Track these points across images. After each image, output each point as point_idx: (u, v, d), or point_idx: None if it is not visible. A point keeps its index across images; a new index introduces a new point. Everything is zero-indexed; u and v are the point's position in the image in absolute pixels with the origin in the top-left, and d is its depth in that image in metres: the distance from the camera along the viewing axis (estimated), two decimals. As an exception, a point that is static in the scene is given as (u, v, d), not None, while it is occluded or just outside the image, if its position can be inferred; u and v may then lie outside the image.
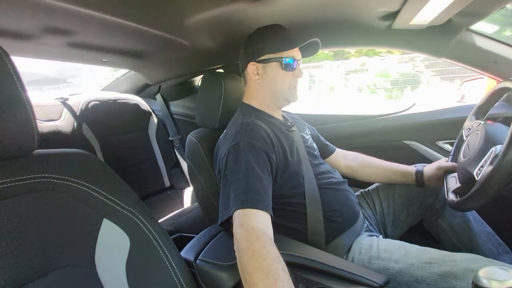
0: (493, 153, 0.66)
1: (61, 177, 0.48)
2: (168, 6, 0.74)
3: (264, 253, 0.54)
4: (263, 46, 0.84)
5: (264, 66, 0.85)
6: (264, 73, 0.85)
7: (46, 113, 1.24)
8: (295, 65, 0.84)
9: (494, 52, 0.98)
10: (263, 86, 0.87)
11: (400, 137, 1.27)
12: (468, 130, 0.85)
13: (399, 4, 0.83)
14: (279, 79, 0.85)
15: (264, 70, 0.85)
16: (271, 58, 0.84)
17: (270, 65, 0.84)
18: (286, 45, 0.83)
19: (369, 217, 0.95)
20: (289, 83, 0.85)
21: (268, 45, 0.83)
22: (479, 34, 0.98)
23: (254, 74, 0.86)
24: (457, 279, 0.61)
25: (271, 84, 0.86)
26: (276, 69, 0.84)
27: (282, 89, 0.86)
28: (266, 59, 0.84)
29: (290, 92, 0.87)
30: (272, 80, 0.85)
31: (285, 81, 0.85)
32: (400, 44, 1.11)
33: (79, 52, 1.03)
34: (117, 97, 1.47)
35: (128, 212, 0.54)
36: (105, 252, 0.49)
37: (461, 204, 0.67)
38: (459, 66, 1.08)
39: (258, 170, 0.69)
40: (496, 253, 0.86)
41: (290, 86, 0.86)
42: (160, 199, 1.57)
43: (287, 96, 0.87)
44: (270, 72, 0.85)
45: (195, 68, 1.44)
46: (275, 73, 0.84)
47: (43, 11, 0.66)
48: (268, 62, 0.84)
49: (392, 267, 0.70)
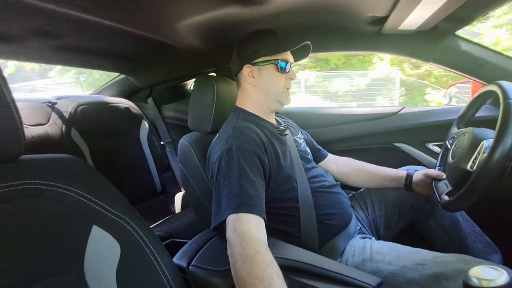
0: (484, 146, 0.67)
1: (48, 183, 0.46)
2: (159, 10, 0.74)
3: (257, 258, 0.54)
4: (258, 48, 0.85)
5: (260, 68, 0.85)
6: (259, 76, 0.86)
7: (33, 117, 1.20)
8: (289, 68, 0.86)
9: (479, 57, 1.01)
10: (257, 89, 0.88)
11: (390, 139, 1.29)
12: (452, 139, 0.86)
13: (387, 9, 0.85)
14: (274, 81, 0.86)
15: (260, 72, 0.86)
16: (266, 61, 0.84)
17: (266, 67, 0.85)
18: (281, 48, 0.85)
19: (362, 219, 0.96)
20: (284, 85, 0.87)
21: (263, 48, 0.84)
22: (464, 39, 1.02)
23: (249, 77, 0.86)
24: (448, 280, 0.62)
25: (266, 87, 0.87)
26: (272, 71, 0.85)
27: (276, 91, 0.86)
28: (262, 62, 0.85)
29: (284, 94, 0.88)
30: (267, 83, 0.86)
31: (280, 83, 0.86)
32: (389, 49, 1.14)
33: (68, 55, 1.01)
34: (108, 101, 1.45)
35: (118, 218, 0.53)
36: (94, 260, 0.48)
37: (457, 200, 0.66)
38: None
39: (251, 174, 0.69)
40: (485, 252, 0.88)
41: (284, 88, 0.87)
42: (151, 204, 1.54)
43: (280, 99, 0.88)
44: (266, 75, 0.86)
45: (187, 72, 1.44)
46: (270, 76, 0.85)
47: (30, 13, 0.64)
48: (264, 64, 0.85)
49: (385, 269, 0.71)
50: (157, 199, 1.59)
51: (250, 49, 0.86)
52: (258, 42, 0.85)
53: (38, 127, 1.18)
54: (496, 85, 0.70)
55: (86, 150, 1.30)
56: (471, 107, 0.88)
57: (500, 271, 0.43)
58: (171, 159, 1.70)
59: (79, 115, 1.30)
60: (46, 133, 1.18)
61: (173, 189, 1.69)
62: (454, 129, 0.91)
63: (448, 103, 2.69)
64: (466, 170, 0.68)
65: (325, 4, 0.85)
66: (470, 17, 0.89)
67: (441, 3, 0.75)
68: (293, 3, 0.82)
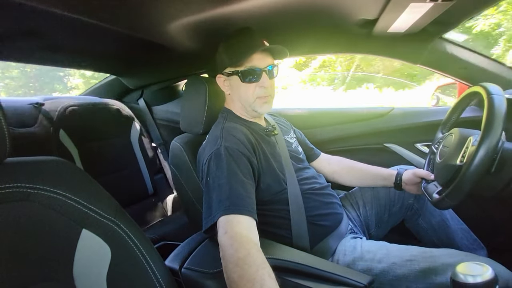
0: (472, 140, 0.68)
1: (35, 186, 0.45)
2: (150, 10, 0.73)
3: (249, 260, 0.54)
4: (223, 58, 0.82)
5: (228, 79, 0.84)
6: (230, 86, 0.85)
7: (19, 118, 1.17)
8: (258, 75, 0.79)
9: (464, 59, 1.04)
10: (233, 98, 0.87)
11: (381, 140, 1.32)
12: (438, 143, 0.87)
13: (377, 12, 0.87)
14: (242, 92, 0.82)
15: (229, 83, 0.85)
16: (231, 71, 0.82)
17: (232, 78, 0.83)
18: (240, 55, 0.78)
19: (354, 218, 0.97)
20: (254, 94, 0.82)
21: (227, 58, 0.81)
22: (451, 42, 1.05)
23: (224, 86, 0.86)
24: (436, 275, 0.64)
25: (237, 96, 0.85)
26: (238, 82, 0.81)
27: (247, 101, 0.83)
28: (228, 72, 0.83)
29: (257, 103, 0.83)
30: (236, 93, 0.84)
31: (248, 93, 0.82)
32: (378, 50, 1.16)
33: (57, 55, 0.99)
34: (97, 102, 1.42)
35: (109, 221, 0.52)
36: (84, 265, 0.47)
37: (448, 196, 0.66)
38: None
39: (240, 175, 0.69)
40: (472, 249, 0.91)
41: (255, 97, 0.82)
42: (143, 207, 1.52)
43: (254, 108, 0.84)
44: (234, 85, 0.84)
45: (179, 73, 1.43)
46: (237, 86, 0.83)
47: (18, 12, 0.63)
48: (230, 75, 0.83)
49: (376, 267, 0.72)
50: (149, 202, 1.57)
51: (219, 59, 0.85)
52: (225, 50, 0.82)
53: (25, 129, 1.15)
54: (478, 86, 0.72)
55: (75, 152, 1.27)
56: (454, 111, 0.90)
57: (486, 267, 0.45)
58: (163, 161, 1.68)
59: (68, 116, 1.28)
60: (33, 135, 1.15)
61: (165, 191, 1.68)
62: (439, 134, 0.93)
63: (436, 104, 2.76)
64: (456, 165, 0.69)
65: (316, 6, 0.86)
66: (456, 21, 0.92)
67: (428, 8, 0.77)
68: (285, 5, 0.83)
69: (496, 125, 0.60)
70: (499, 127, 0.60)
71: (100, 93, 1.58)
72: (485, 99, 0.66)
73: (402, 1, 0.74)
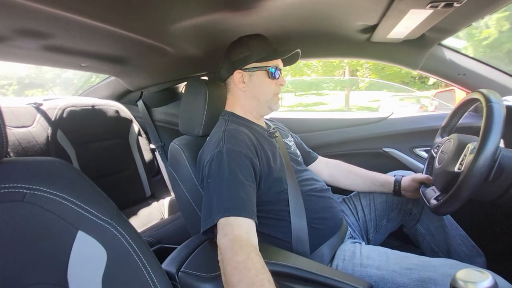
0: (470, 147, 0.68)
1: (31, 186, 0.45)
2: (152, 12, 0.73)
3: (248, 264, 0.53)
4: (249, 54, 0.85)
5: (251, 74, 0.86)
6: (250, 82, 0.86)
7: (17, 118, 1.16)
8: (278, 74, 0.86)
9: (463, 66, 1.05)
10: (248, 94, 0.88)
11: (379, 145, 1.32)
12: (437, 148, 0.88)
13: (377, 18, 0.88)
14: (265, 88, 0.86)
15: (250, 78, 0.86)
16: (257, 67, 0.85)
17: (256, 73, 0.86)
18: (271, 55, 0.86)
19: (352, 223, 0.97)
20: (273, 91, 0.87)
21: (254, 54, 0.85)
22: (450, 48, 1.06)
23: (240, 82, 0.86)
24: (436, 285, 0.63)
25: (256, 92, 0.87)
26: (262, 77, 0.86)
27: (266, 97, 0.87)
28: (253, 68, 0.85)
29: (273, 100, 0.89)
30: (257, 88, 0.87)
31: (270, 89, 0.87)
32: (378, 56, 1.17)
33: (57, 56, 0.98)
34: (96, 103, 1.42)
35: (105, 224, 0.51)
36: (79, 268, 0.46)
37: (446, 202, 0.67)
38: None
39: (241, 177, 0.68)
40: (470, 256, 0.90)
41: (274, 94, 0.88)
42: (140, 209, 1.51)
43: (270, 104, 0.89)
44: (256, 81, 0.86)
45: (178, 75, 1.43)
46: (261, 82, 0.86)
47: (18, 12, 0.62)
48: (255, 70, 0.85)
49: (375, 273, 0.71)
50: (146, 204, 1.56)
51: (241, 54, 0.86)
52: (250, 48, 0.85)
53: (22, 129, 1.14)
54: (477, 93, 0.72)
55: (72, 153, 1.26)
56: (453, 116, 0.91)
57: (486, 273, 0.44)
58: (161, 163, 1.67)
59: (66, 117, 1.27)
60: (31, 135, 1.15)
61: (163, 193, 1.67)
62: (438, 138, 0.93)
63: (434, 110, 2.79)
64: (454, 172, 0.69)
65: (315, 11, 0.87)
66: (454, 28, 0.93)
67: (427, 14, 0.78)
68: (284, 9, 0.83)
69: (494, 135, 0.61)
70: (497, 137, 0.61)
71: (99, 94, 1.58)
72: (484, 107, 0.66)
73: (402, 7, 0.75)
